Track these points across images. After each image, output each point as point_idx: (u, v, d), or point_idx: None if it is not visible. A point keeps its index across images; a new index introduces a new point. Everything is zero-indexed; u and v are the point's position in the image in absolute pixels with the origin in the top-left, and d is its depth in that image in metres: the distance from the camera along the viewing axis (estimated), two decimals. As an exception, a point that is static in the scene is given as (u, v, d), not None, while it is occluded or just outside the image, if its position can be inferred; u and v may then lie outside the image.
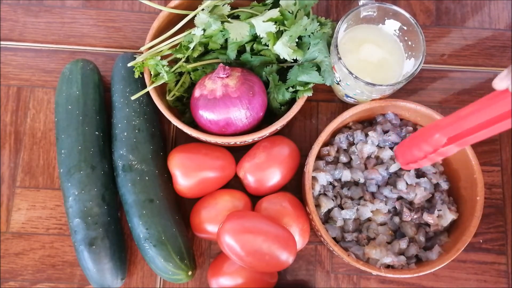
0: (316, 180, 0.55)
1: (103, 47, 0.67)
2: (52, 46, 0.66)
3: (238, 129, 0.54)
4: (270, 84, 0.56)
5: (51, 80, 0.65)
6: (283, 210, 0.55)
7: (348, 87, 0.57)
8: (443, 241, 0.55)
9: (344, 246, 0.54)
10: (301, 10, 0.55)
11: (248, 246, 0.49)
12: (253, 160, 0.57)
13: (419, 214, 0.54)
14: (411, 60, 0.56)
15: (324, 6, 0.69)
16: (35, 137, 0.63)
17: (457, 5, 0.70)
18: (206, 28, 0.54)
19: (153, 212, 0.54)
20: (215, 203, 0.56)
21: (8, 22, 0.67)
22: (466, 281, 0.59)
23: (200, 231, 0.56)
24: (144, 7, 0.68)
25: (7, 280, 0.58)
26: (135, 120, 0.57)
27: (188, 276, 0.53)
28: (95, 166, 0.56)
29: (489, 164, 0.63)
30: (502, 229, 0.61)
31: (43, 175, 0.61)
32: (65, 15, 0.68)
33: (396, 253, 0.53)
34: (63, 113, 0.58)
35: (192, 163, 0.57)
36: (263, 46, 0.55)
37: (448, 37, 0.68)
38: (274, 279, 0.56)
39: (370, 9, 0.56)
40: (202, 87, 0.54)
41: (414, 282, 0.59)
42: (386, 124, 0.57)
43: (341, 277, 0.59)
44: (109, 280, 0.53)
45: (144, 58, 0.54)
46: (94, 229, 0.53)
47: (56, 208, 0.60)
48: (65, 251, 0.59)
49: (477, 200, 0.53)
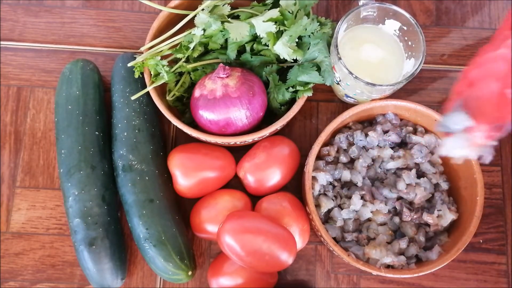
0: (316, 180, 0.55)
1: (103, 47, 0.67)
2: (52, 46, 0.66)
3: (238, 129, 0.54)
4: (270, 84, 0.56)
5: (51, 80, 0.65)
6: (283, 210, 0.55)
7: (348, 87, 0.57)
8: (443, 241, 0.55)
9: (344, 246, 0.54)
10: (301, 10, 0.55)
11: (248, 246, 0.49)
12: (253, 160, 0.57)
13: (419, 214, 0.54)
14: (411, 60, 0.56)
15: (324, 6, 0.69)
16: (35, 137, 0.63)
17: (457, 5, 0.70)
18: (206, 28, 0.54)
19: (153, 212, 0.54)
20: (215, 203, 0.56)
21: (8, 22, 0.67)
22: (466, 281, 0.59)
23: (200, 231, 0.56)
24: (144, 7, 0.68)
25: (7, 280, 0.58)
26: (135, 120, 0.57)
27: (188, 276, 0.53)
28: (95, 166, 0.56)
29: (489, 164, 0.63)
30: (502, 229, 0.61)
31: (43, 175, 0.61)
32: (65, 15, 0.68)
33: (396, 253, 0.53)
34: (63, 113, 0.58)
35: (192, 163, 0.57)
36: (263, 46, 0.55)
37: (448, 37, 0.68)
38: (274, 279, 0.56)
39: (370, 9, 0.56)
40: (202, 87, 0.54)
41: (414, 282, 0.59)
42: (386, 124, 0.57)
43: (341, 277, 0.59)
44: (109, 280, 0.53)
45: (144, 58, 0.54)
46: (94, 229, 0.53)
47: (56, 208, 0.60)
48: (65, 251, 0.59)
49: (477, 200, 0.53)
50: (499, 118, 0.36)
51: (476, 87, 0.38)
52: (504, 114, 0.36)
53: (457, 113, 0.37)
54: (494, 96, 0.36)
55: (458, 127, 0.37)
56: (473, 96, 0.37)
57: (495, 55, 0.38)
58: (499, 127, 0.36)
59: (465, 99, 0.38)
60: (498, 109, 0.36)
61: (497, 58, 0.38)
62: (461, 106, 0.38)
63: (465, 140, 0.38)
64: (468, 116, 0.37)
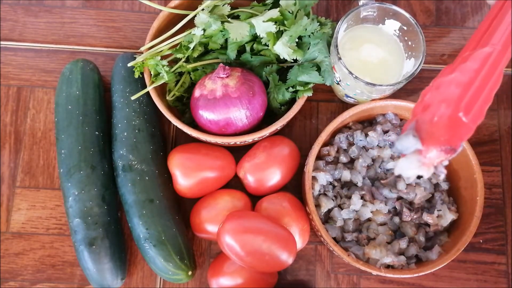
0: (316, 180, 0.55)
1: (103, 47, 0.67)
2: (52, 46, 0.66)
3: (238, 129, 0.54)
4: (270, 84, 0.56)
5: (51, 80, 0.65)
6: (283, 210, 0.55)
7: (348, 87, 0.57)
8: (443, 241, 0.55)
9: (344, 246, 0.54)
10: (301, 10, 0.55)
11: (248, 246, 0.49)
12: (253, 160, 0.57)
13: (419, 214, 0.54)
14: (411, 60, 0.56)
15: (324, 6, 0.69)
16: (35, 137, 0.63)
17: (457, 5, 0.70)
18: (206, 28, 0.54)
19: (153, 212, 0.54)
20: (215, 203, 0.56)
21: (8, 22, 0.67)
22: (466, 281, 0.59)
23: (200, 231, 0.56)
24: (144, 7, 0.68)
25: (7, 280, 0.58)
26: (135, 120, 0.57)
27: (188, 276, 0.53)
28: (95, 166, 0.56)
29: (489, 164, 0.63)
30: (502, 229, 0.61)
31: (43, 175, 0.61)
32: (65, 15, 0.68)
33: (396, 253, 0.53)
34: (63, 113, 0.58)
35: (192, 163, 0.57)
36: (263, 46, 0.55)
37: (448, 37, 0.68)
38: (274, 279, 0.56)
39: (370, 9, 0.56)
40: (202, 87, 0.54)
41: (414, 282, 0.59)
42: (386, 124, 0.57)
43: (341, 277, 0.59)
44: (109, 280, 0.53)
45: (144, 58, 0.54)
46: (94, 229, 0.53)
47: (56, 208, 0.60)
48: (65, 251, 0.59)
49: (477, 200, 0.53)
50: (449, 142, 0.37)
51: (429, 110, 0.39)
52: (454, 138, 0.37)
53: (407, 136, 0.38)
54: (444, 121, 0.38)
55: (408, 150, 0.39)
56: (425, 119, 0.39)
57: (449, 79, 0.39)
58: (450, 150, 0.37)
59: (418, 121, 0.39)
60: (448, 133, 0.37)
61: (451, 82, 0.39)
62: (413, 129, 0.39)
63: (417, 161, 0.39)
64: (418, 140, 0.38)
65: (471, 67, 0.39)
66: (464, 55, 0.40)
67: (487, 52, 0.39)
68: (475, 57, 0.39)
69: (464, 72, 0.39)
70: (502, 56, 0.39)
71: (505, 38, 0.40)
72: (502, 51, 0.39)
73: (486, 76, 0.39)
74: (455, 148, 0.37)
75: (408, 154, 0.39)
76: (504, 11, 0.41)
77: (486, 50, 0.39)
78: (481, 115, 0.38)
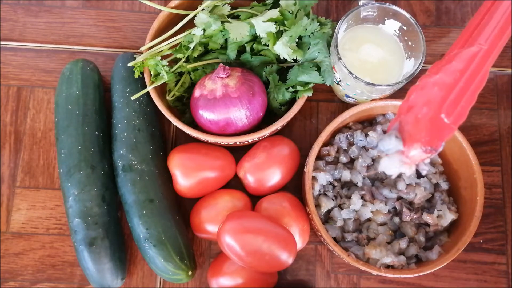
0: (316, 180, 0.55)
1: (103, 47, 0.67)
2: (52, 46, 0.66)
3: (238, 129, 0.54)
4: (270, 84, 0.56)
5: (51, 80, 0.65)
6: (283, 210, 0.55)
7: (348, 87, 0.57)
8: (443, 241, 0.55)
9: (344, 246, 0.54)
10: (301, 10, 0.55)
11: (248, 246, 0.49)
12: (253, 160, 0.57)
13: (419, 214, 0.54)
14: (411, 60, 0.56)
15: (324, 6, 0.69)
16: (35, 137, 0.63)
17: (457, 5, 0.70)
18: (206, 28, 0.54)
19: (153, 212, 0.54)
20: (215, 203, 0.56)
21: (8, 22, 0.67)
22: (466, 281, 0.59)
23: (200, 231, 0.56)
24: (144, 7, 0.68)
25: (7, 280, 0.58)
26: (135, 120, 0.57)
27: (188, 276, 0.53)
28: (95, 166, 0.56)
29: (489, 164, 0.63)
30: (502, 229, 0.61)
31: (43, 175, 0.61)
32: (65, 15, 0.68)
33: (396, 253, 0.53)
34: (63, 113, 0.58)
35: (192, 163, 0.57)
36: (263, 46, 0.55)
37: (448, 37, 0.68)
38: (274, 279, 0.56)
39: (370, 9, 0.56)
40: (202, 87, 0.54)
41: (414, 282, 0.59)
42: (386, 124, 0.57)
43: (341, 277, 0.59)
44: (109, 280, 0.53)
45: (144, 58, 0.54)
46: (94, 229, 0.53)
47: (56, 208, 0.60)
48: (65, 251, 0.59)
49: (477, 200, 0.53)
50: (430, 143, 0.38)
51: (412, 111, 0.40)
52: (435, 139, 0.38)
53: (390, 137, 0.40)
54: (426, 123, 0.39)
55: (390, 151, 0.40)
56: (408, 121, 0.40)
57: (434, 80, 0.40)
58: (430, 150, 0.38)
59: (401, 122, 0.40)
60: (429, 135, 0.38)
61: (435, 84, 0.40)
62: (396, 130, 0.40)
63: (399, 161, 0.40)
64: (400, 141, 0.40)
65: (456, 67, 0.40)
66: (451, 54, 0.41)
67: (473, 52, 0.40)
68: (461, 56, 0.40)
69: (448, 73, 0.40)
70: (488, 56, 0.40)
71: (492, 38, 0.40)
72: (489, 51, 0.40)
73: (470, 77, 0.39)
74: (436, 148, 0.38)
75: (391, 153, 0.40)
76: (493, 10, 0.41)
77: (472, 49, 0.40)
78: (463, 115, 0.39)
